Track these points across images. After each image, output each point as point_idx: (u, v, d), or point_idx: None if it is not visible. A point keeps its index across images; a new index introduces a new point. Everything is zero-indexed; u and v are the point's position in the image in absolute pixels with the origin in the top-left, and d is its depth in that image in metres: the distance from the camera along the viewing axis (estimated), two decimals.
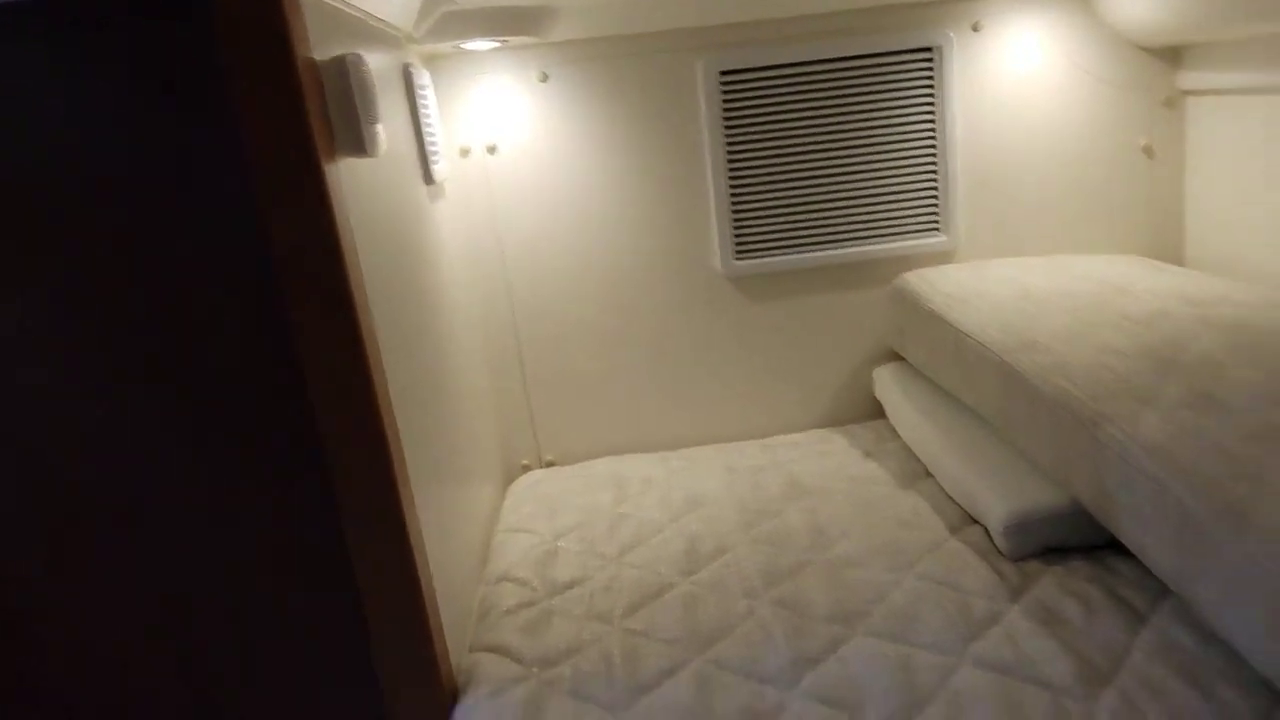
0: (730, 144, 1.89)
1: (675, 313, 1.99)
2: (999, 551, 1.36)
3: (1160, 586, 1.20)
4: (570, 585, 1.44)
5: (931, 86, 1.89)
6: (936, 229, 1.98)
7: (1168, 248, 2.01)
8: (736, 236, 1.95)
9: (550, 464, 2.05)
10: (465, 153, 1.87)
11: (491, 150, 1.87)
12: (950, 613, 1.21)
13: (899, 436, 1.86)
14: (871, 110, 1.89)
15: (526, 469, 2.05)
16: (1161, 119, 1.94)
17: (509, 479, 2.00)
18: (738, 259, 1.96)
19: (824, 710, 1.06)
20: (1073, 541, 1.33)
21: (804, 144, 1.90)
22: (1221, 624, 1.00)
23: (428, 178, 1.61)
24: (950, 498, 1.54)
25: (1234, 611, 0.97)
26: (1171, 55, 1.91)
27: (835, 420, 2.07)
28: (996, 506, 1.36)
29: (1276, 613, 0.91)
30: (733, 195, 1.92)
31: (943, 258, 2.00)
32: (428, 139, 1.61)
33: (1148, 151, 1.96)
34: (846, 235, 1.96)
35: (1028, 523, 1.32)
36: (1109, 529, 1.23)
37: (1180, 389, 1.25)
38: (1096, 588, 1.22)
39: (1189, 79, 1.89)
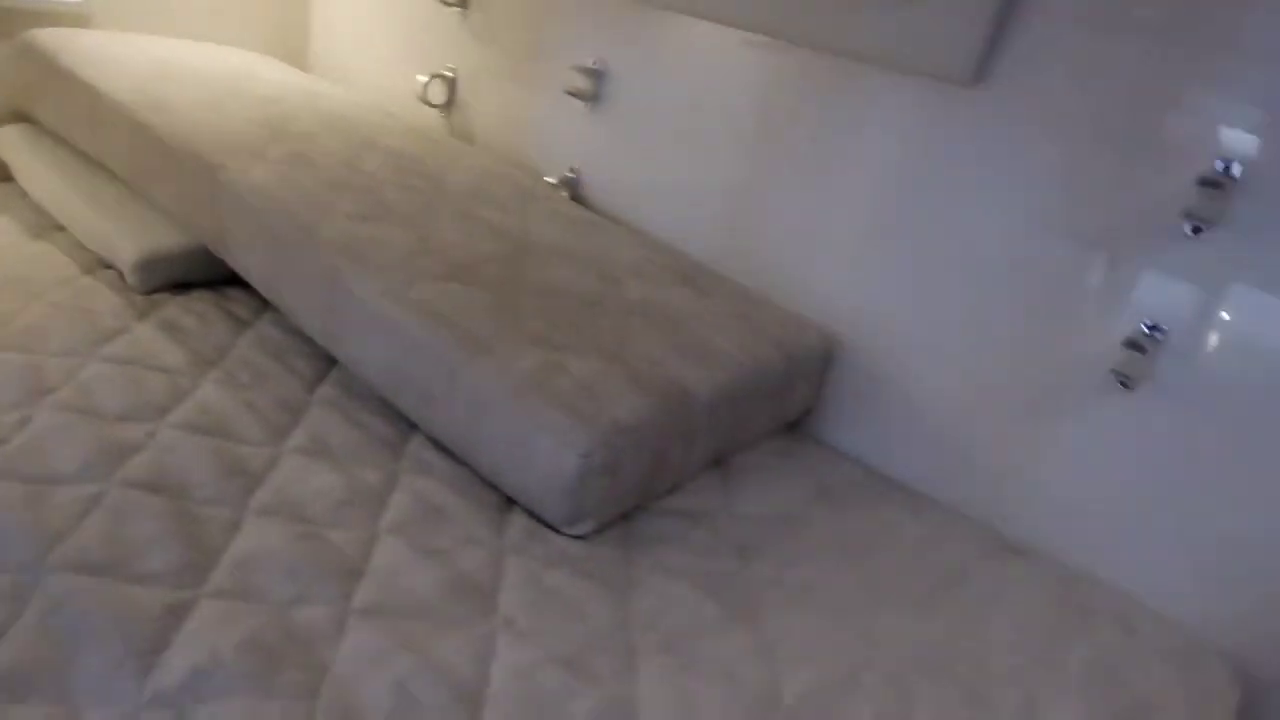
0: None
1: None
2: (131, 288, 1.53)
3: (263, 302, 1.53)
4: None
5: None
6: None
7: (293, 54, 2.35)
8: None
9: None
10: None
11: None
12: (81, 328, 1.34)
13: (28, 195, 1.82)
14: None
15: None
16: None
17: None
18: None
19: None
20: (196, 277, 1.57)
21: None
22: (296, 312, 1.37)
23: None
24: (84, 247, 1.62)
25: (301, 301, 1.35)
26: None
27: None
28: (127, 247, 1.51)
29: (322, 301, 1.30)
30: None
31: (76, 20, 1.96)
32: None
33: None
34: None
35: (155, 260, 1.51)
36: (226, 261, 1.51)
37: (283, 150, 1.58)
38: (213, 307, 1.50)
39: None
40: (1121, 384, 1.25)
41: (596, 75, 1.78)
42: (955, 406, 1.43)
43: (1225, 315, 1.17)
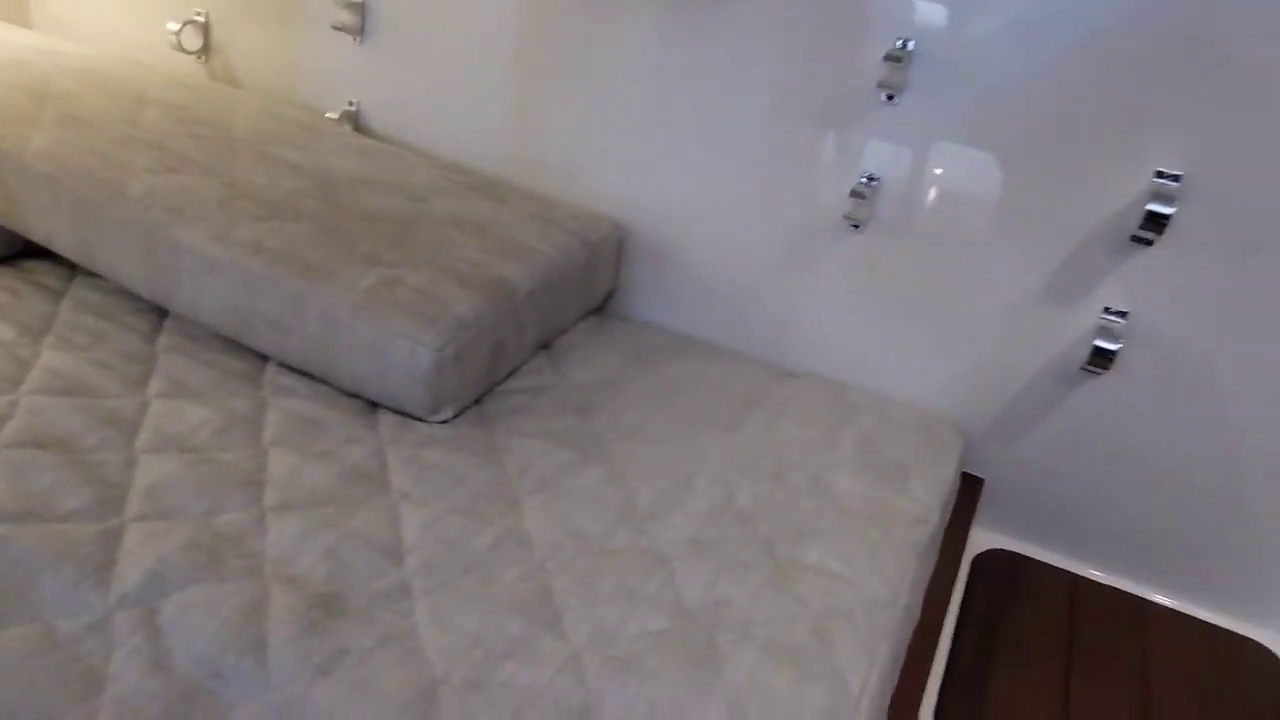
0: None
1: None
2: None
3: (69, 267, 1.53)
4: None
5: None
6: None
7: (10, 11, 2.20)
8: None
9: None
10: None
11: None
12: None
13: None
14: None
15: None
16: None
17: None
18: None
19: None
20: None
21: None
22: (116, 272, 1.41)
23: None
24: None
25: (120, 260, 1.39)
26: None
27: None
28: None
29: (144, 257, 1.36)
30: None
31: None
32: None
33: None
34: None
35: None
36: (22, 234, 1.49)
37: (54, 114, 1.56)
38: (18, 283, 1.48)
39: None
40: (853, 226, 1.58)
41: (360, 8, 1.85)
42: (730, 268, 1.71)
43: (919, 161, 1.51)
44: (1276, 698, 1.42)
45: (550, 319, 1.55)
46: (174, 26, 2.00)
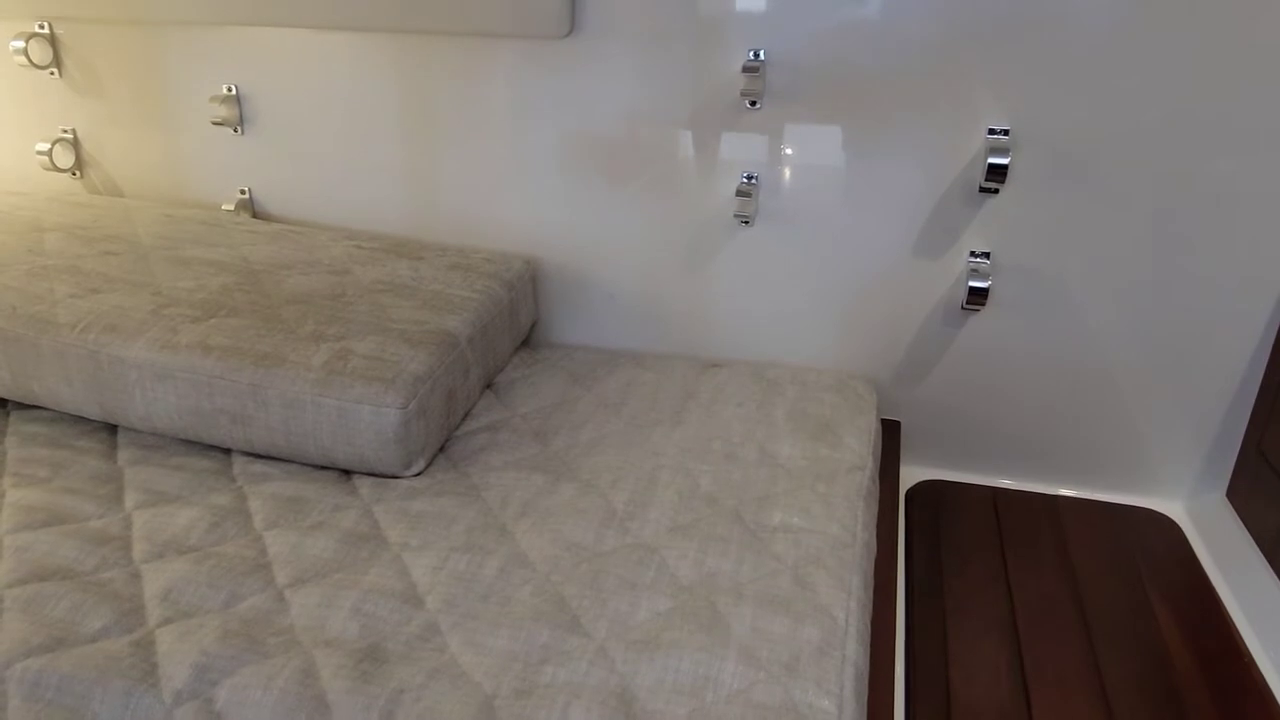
0: None
1: None
2: None
3: (1, 405, 1.54)
4: None
5: None
6: None
7: None
8: None
9: None
10: None
11: None
12: None
13: None
14: None
15: None
16: None
17: None
18: None
19: None
20: None
21: None
22: (59, 402, 1.44)
23: None
24: None
25: (63, 390, 1.42)
26: None
27: None
28: None
29: (88, 381, 1.39)
30: None
31: None
32: None
33: None
34: None
35: None
36: None
37: None
38: None
39: None
40: (744, 222, 1.74)
41: (236, 100, 1.90)
42: (639, 280, 1.85)
43: (791, 155, 1.68)
44: (1175, 554, 1.66)
45: (490, 359, 1.65)
46: (43, 147, 1.99)
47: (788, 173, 1.69)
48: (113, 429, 1.49)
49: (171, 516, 1.28)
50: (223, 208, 1.98)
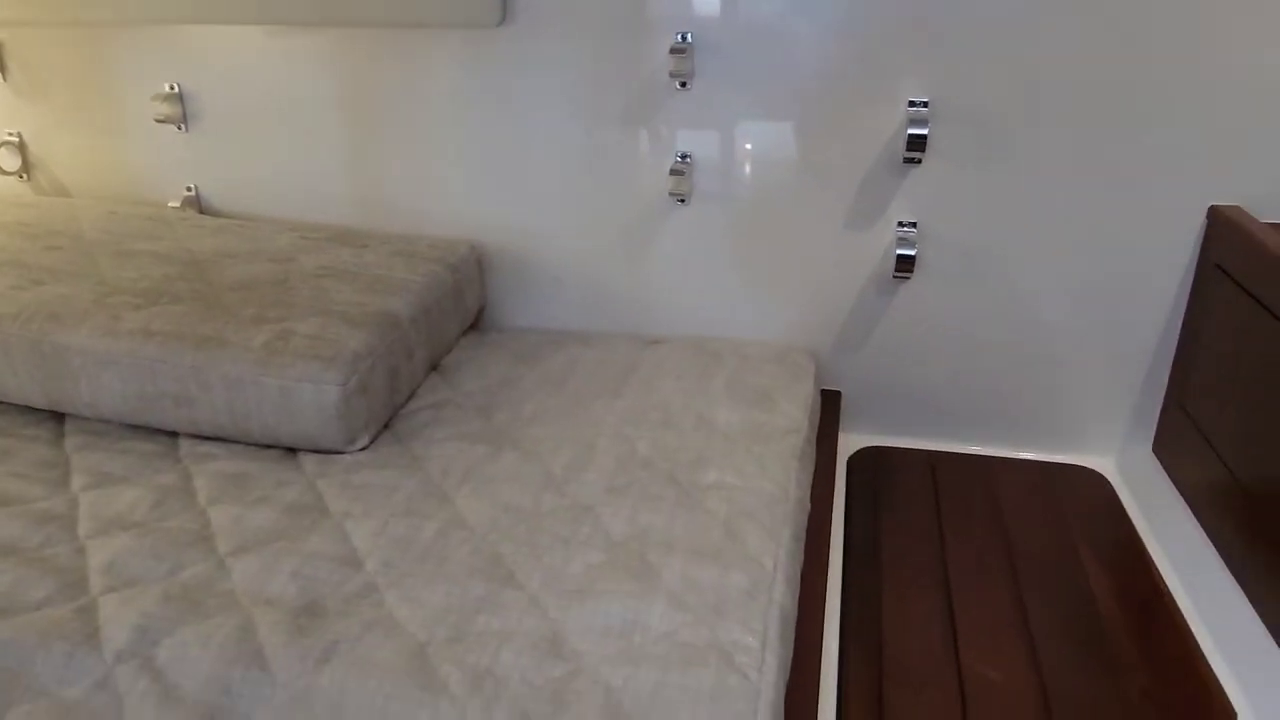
0: None
1: None
2: None
3: None
4: None
5: None
6: None
7: None
8: None
9: None
10: None
11: None
12: None
13: None
14: None
15: None
16: None
17: None
18: None
19: None
20: None
21: None
22: (4, 392, 1.46)
23: None
24: None
25: (8, 380, 1.44)
26: None
27: None
28: None
29: (33, 370, 1.41)
30: None
31: None
32: None
33: None
34: None
35: None
36: None
37: None
38: None
39: None
40: (679, 201, 1.79)
41: (179, 98, 1.93)
42: (580, 263, 1.89)
43: (721, 134, 1.73)
44: (1105, 508, 1.72)
45: (435, 340, 1.69)
46: None
47: (719, 151, 1.74)
48: (59, 417, 1.51)
49: (116, 496, 1.30)
50: (169, 205, 2.00)
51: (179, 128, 1.96)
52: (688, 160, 1.76)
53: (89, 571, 1.15)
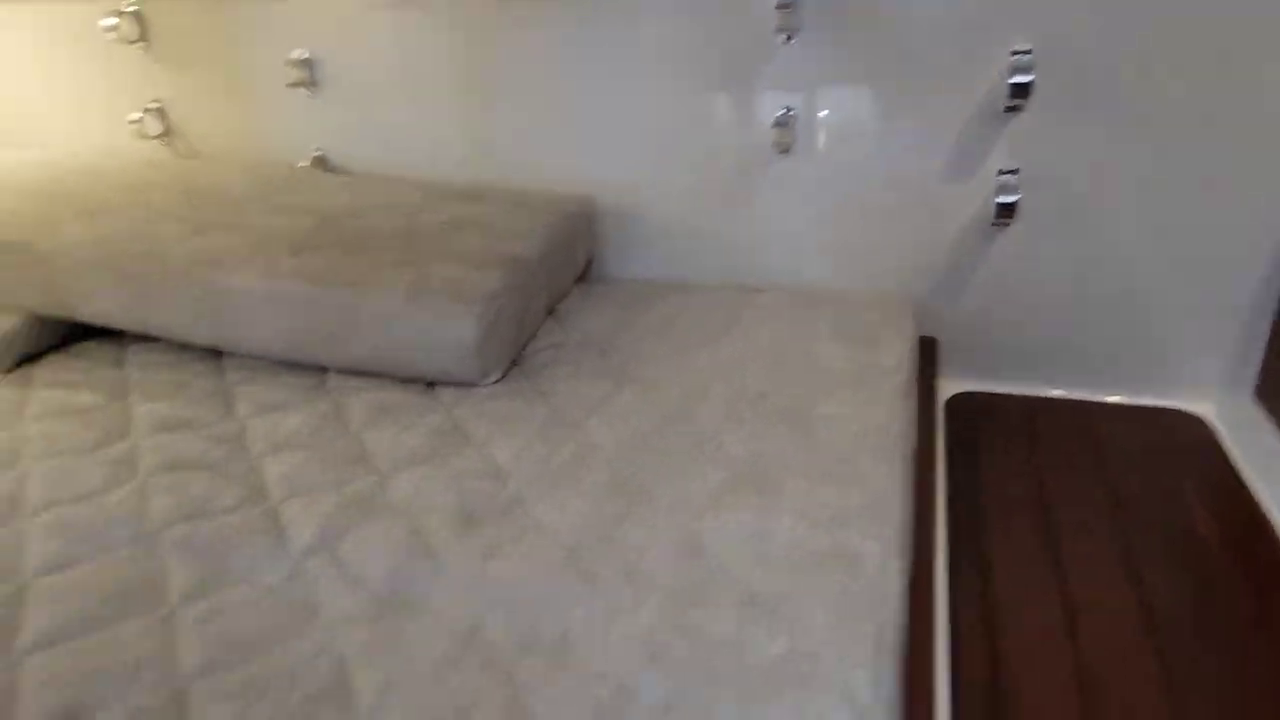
0: None
1: None
2: None
3: (116, 340, 1.71)
4: None
5: None
6: None
7: None
8: None
9: None
10: None
11: None
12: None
13: None
14: None
15: None
16: None
17: None
18: None
19: None
20: (37, 347, 1.70)
21: None
22: (170, 331, 1.61)
23: None
24: None
25: (175, 319, 1.58)
26: None
27: None
28: None
29: (199, 310, 1.56)
30: None
31: None
32: None
33: None
34: None
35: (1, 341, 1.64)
36: (68, 319, 1.67)
37: (73, 209, 1.74)
38: (79, 360, 1.66)
39: None
40: (782, 153, 1.86)
41: (309, 64, 2.06)
42: (685, 215, 1.98)
43: (824, 86, 1.79)
44: (1206, 451, 1.75)
45: (553, 286, 1.79)
46: (135, 117, 2.17)
47: (822, 104, 1.80)
48: (219, 355, 1.66)
49: (280, 422, 1.44)
50: (299, 165, 2.14)
51: (309, 92, 2.09)
52: (791, 113, 1.82)
53: (267, 483, 1.28)
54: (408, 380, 1.57)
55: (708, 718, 0.89)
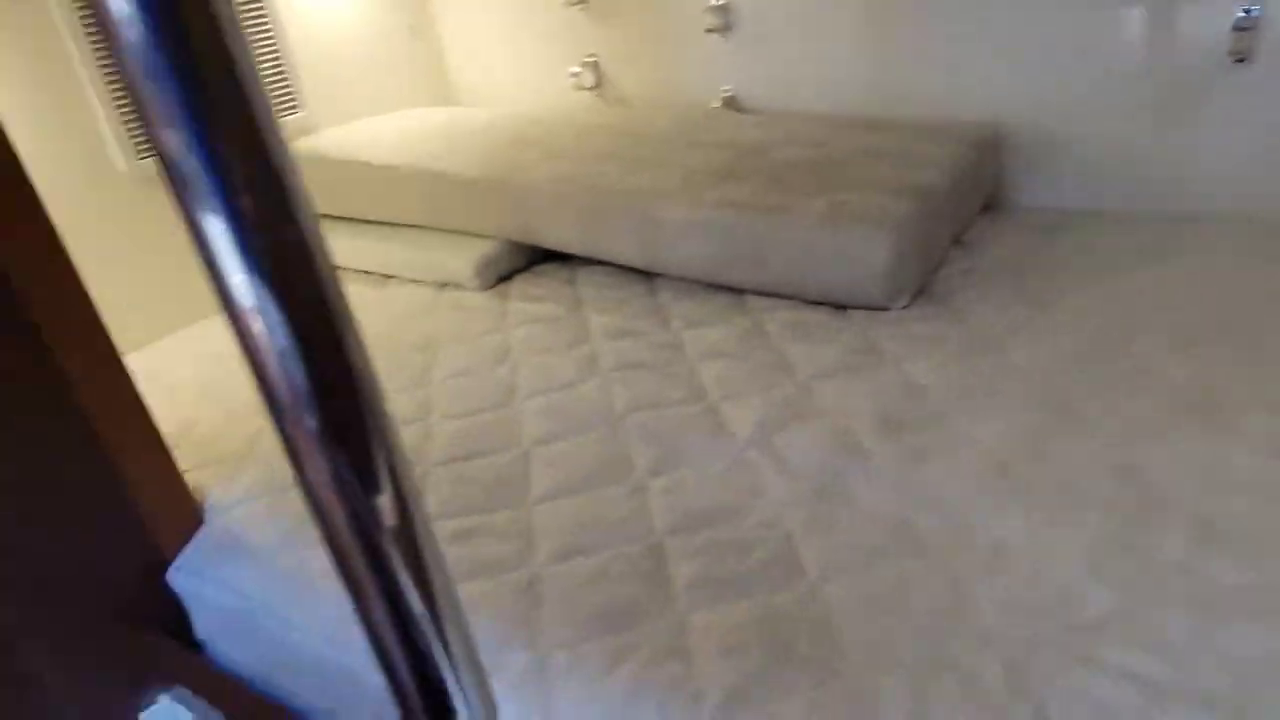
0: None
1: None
2: (475, 289, 2.01)
3: (566, 264, 2.01)
4: None
5: None
6: (295, 108, 2.43)
7: (441, 91, 2.83)
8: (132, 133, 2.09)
9: None
10: None
11: None
12: (473, 332, 1.84)
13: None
14: None
15: None
16: (417, 5, 2.70)
17: None
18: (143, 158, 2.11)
19: None
20: (512, 267, 2.05)
21: None
22: (615, 255, 1.85)
23: None
24: (418, 280, 2.12)
25: (618, 245, 1.82)
26: None
27: None
28: (460, 263, 2.00)
29: (636, 236, 1.77)
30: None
31: (304, 130, 2.46)
32: None
33: (413, 31, 2.71)
34: None
35: (485, 264, 2.00)
36: (537, 244, 1.99)
37: (537, 153, 2.05)
38: (542, 279, 1.98)
39: None
40: (1238, 60, 1.65)
41: (725, 9, 2.21)
42: (1106, 135, 1.84)
43: None
44: None
45: (960, 214, 1.78)
46: (575, 70, 2.48)
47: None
48: (651, 276, 1.89)
49: (707, 334, 1.62)
50: (710, 105, 2.32)
51: (722, 36, 2.24)
52: (1253, 13, 1.61)
53: (705, 384, 1.46)
54: (819, 303, 1.67)
55: (1161, 632, 0.89)
